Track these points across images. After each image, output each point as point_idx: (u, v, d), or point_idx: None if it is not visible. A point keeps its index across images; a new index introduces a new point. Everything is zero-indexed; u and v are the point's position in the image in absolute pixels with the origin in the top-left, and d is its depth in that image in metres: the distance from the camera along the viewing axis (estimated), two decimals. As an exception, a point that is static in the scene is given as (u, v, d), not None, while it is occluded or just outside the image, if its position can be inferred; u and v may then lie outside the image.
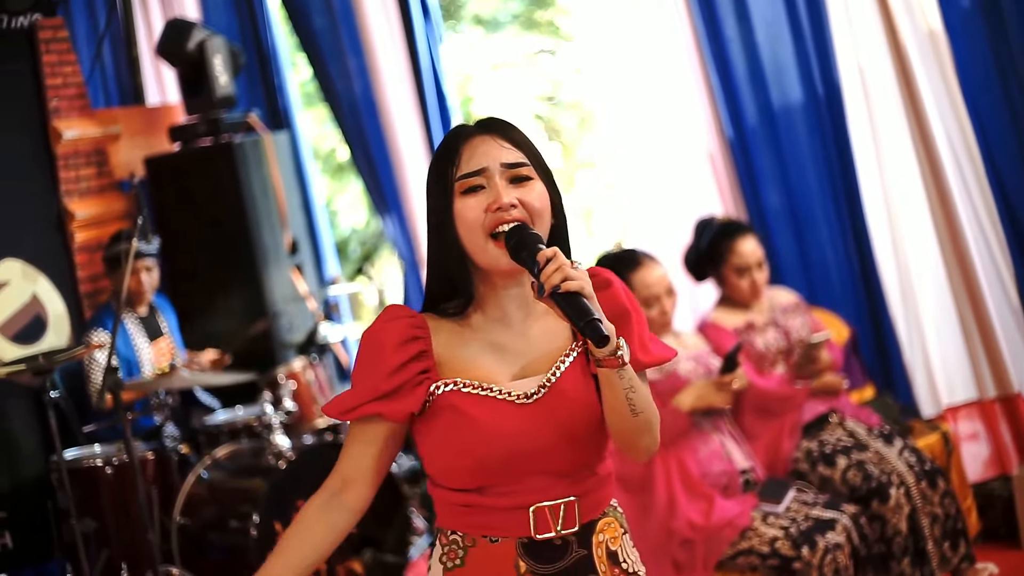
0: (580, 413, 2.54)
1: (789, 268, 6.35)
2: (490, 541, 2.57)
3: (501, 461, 2.51)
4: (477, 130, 2.61)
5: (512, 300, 2.60)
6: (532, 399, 2.54)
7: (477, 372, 2.56)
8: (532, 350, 2.59)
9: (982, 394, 6.11)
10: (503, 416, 2.52)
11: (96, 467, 5.60)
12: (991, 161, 5.79)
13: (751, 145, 6.36)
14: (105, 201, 6.77)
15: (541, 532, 2.55)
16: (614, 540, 2.64)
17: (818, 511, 4.86)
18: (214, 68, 6.73)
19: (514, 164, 2.55)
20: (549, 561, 2.56)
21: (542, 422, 2.52)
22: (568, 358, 2.59)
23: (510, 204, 2.51)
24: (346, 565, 5.65)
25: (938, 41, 5.88)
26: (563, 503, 2.55)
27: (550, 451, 2.52)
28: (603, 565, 2.60)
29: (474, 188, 2.54)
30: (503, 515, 2.55)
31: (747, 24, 6.26)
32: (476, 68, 10.22)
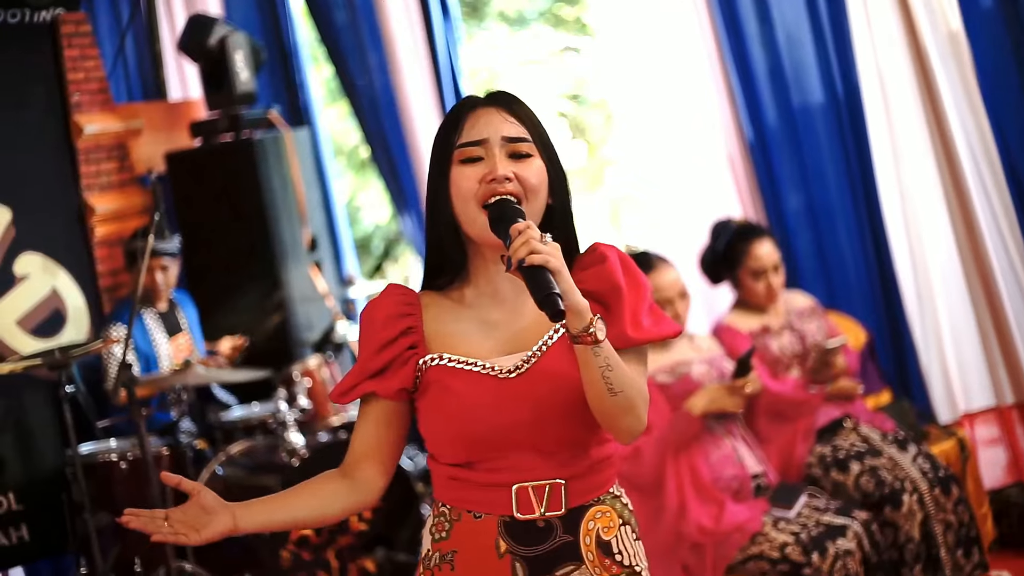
0: (563, 390, 2.52)
1: (808, 271, 6.33)
2: (474, 517, 2.58)
3: (484, 435, 2.52)
4: (484, 102, 2.61)
5: (503, 275, 2.59)
6: (515, 374, 2.54)
7: (464, 347, 2.57)
8: (522, 326, 2.59)
9: (1000, 400, 6.08)
10: (485, 390, 2.53)
11: (111, 462, 5.63)
12: (1010, 164, 5.76)
13: (771, 146, 6.34)
14: (126, 196, 6.79)
15: (523, 512, 2.54)
16: (608, 529, 2.60)
17: (829, 517, 4.84)
18: (235, 64, 6.73)
19: (515, 139, 2.55)
20: (531, 543, 2.55)
21: (523, 397, 2.52)
22: (557, 335, 2.58)
23: (504, 176, 2.51)
24: (358, 563, 5.66)
25: (958, 43, 5.85)
26: (548, 484, 2.54)
27: (532, 427, 2.52)
28: (591, 554, 2.57)
29: (472, 159, 2.55)
30: (486, 491, 2.56)
31: (768, 25, 6.24)
32: (502, 65, 10.20)
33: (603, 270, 2.59)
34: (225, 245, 6.75)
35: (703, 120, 6.48)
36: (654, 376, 4.97)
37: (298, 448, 5.69)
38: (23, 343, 6.09)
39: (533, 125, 2.60)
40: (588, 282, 2.57)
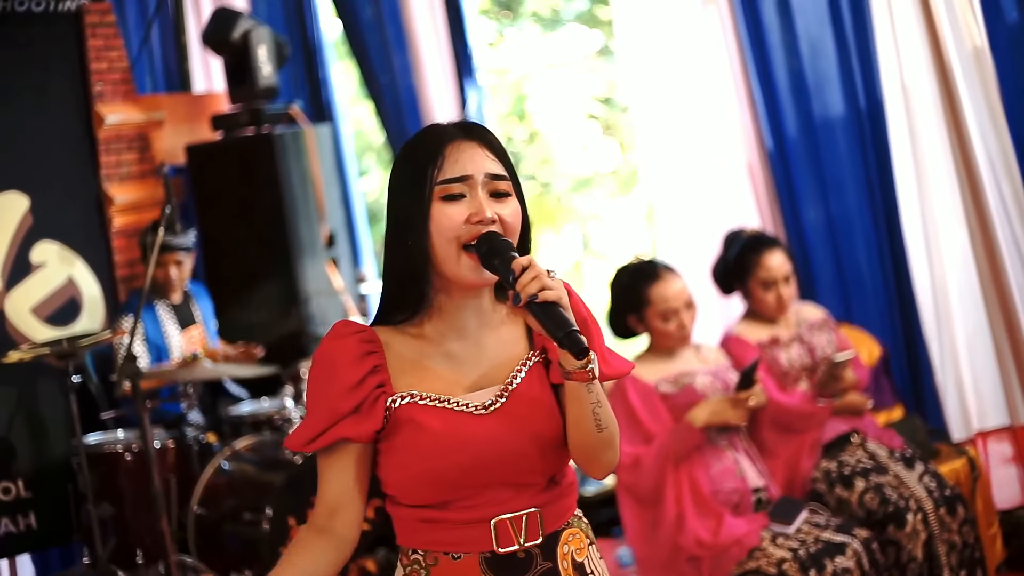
0: (539, 422, 2.50)
1: (824, 284, 6.28)
2: (452, 558, 2.51)
3: (461, 473, 2.46)
4: (460, 133, 2.51)
5: (470, 311, 2.54)
6: (490, 409, 2.50)
7: (432, 384, 2.51)
8: (487, 360, 2.54)
9: (1014, 420, 5.99)
10: (462, 427, 2.47)
11: (116, 453, 5.64)
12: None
13: (791, 157, 6.29)
14: (145, 187, 6.80)
15: (504, 546, 2.50)
16: (580, 551, 2.58)
17: (829, 534, 4.79)
18: (258, 58, 6.74)
19: (498, 176, 2.49)
20: (513, 575, 2.52)
21: (501, 432, 2.48)
22: (524, 368, 2.54)
23: (491, 219, 2.45)
24: (359, 563, 5.64)
25: (983, 59, 5.77)
26: (525, 515, 2.51)
27: (511, 461, 2.48)
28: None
29: (455, 196, 2.46)
30: (464, 530, 2.50)
31: (791, 35, 6.19)
32: (533, 66, 10.18)
33: (571, 304, 2.52)
34: (243, 239, 6.75)
35: (723, 129, 6.44)
36: (657, 386, 4.94)
37: (302, 445, 5.67)
38: (38, 331, 6.11)
39: (507, 161, 2.53)
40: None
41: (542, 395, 2.52)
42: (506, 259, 2.40)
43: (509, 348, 2.56)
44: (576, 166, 10.47)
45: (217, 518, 5.71)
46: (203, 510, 5.70)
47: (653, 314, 4.98)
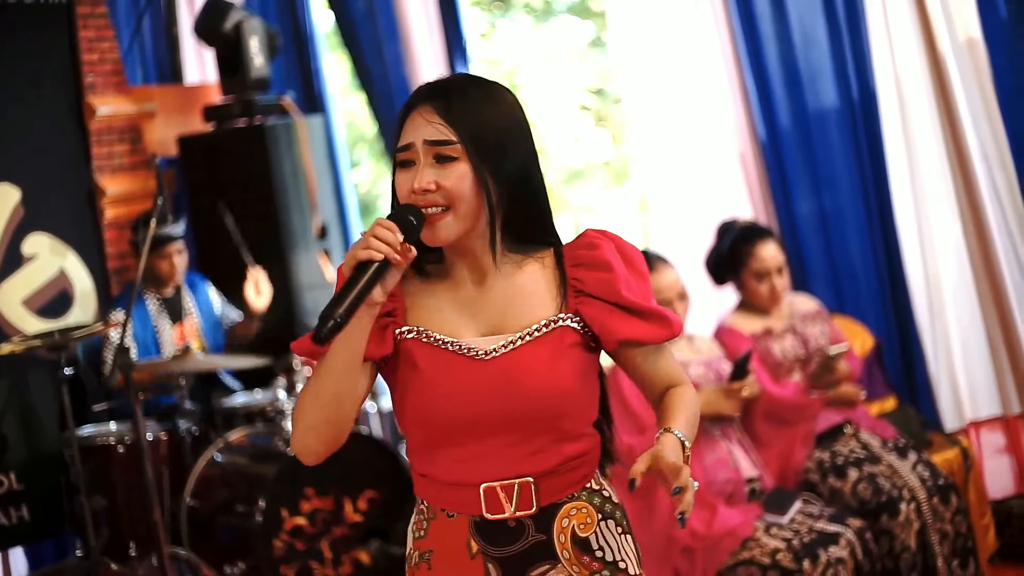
0: (535, 383, 2.46)
1: (818, 275, 6.28)
2: (447, 516, 2.53)
3: (446, 418, 2.46)
4: (421, 98, 2.51)
5: (463, 265, 2.54)
6: (490, 356, 2.48)
7: (440, 323, 2.52)
8: (495, 311, 2.53)
9: (1007, 410, 6.01)
10: (458, 370, 2.47)
11: (109, 445, 5.63)
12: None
13: (784, 148, 6.29)
14: (137, 178, 6.78)
15: (493, 512, 2.49)
16: (584, 526, 2.54)
17: (823, 524, 4.80)
18: (250, 49, 6.72)
19: (435, 142, 2.46)
20: (502, 543, 2.51)
21: (494, 381, 2.46)
22: (548, 327, 2.51)
23: (423, 189, 2.45)
24: (352, 554, 5.64)
25: (976, 50, 5.78)
26: (517, 483, 2.49)
27: (499, 416, 2.46)
28: (566, 552, 2.52)
29: (405, 163, 2.50)
30: (455, 491, 2.51)
31: (784, 25, 6.18)
32: (525, 58, 10.17)
33: (609, 280, 2.54)
34: (236, 230, 6.73)
35: (716, 120, 6.43)
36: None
37: (295, 437, 5.67)
38: (29, 323, 6.09)
39: (464, 122, 2.47)
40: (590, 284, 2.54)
41: (556, 358, 2.49)
42: (409, 229, 2.41)
43: (531, 301, 2.53)
44: (568, 157, 10.46)
45: (210, 510, 5.70)
46: (196, 502, 5.70)
47: (647, 305, 4.97)
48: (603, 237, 2.59)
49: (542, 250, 2.59)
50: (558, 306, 2.54)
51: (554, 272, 2.57)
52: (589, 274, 2.54)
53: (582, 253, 2.57)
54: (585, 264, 2.56)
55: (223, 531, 5.69)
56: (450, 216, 2.47)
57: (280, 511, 5.50)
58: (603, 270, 2.54)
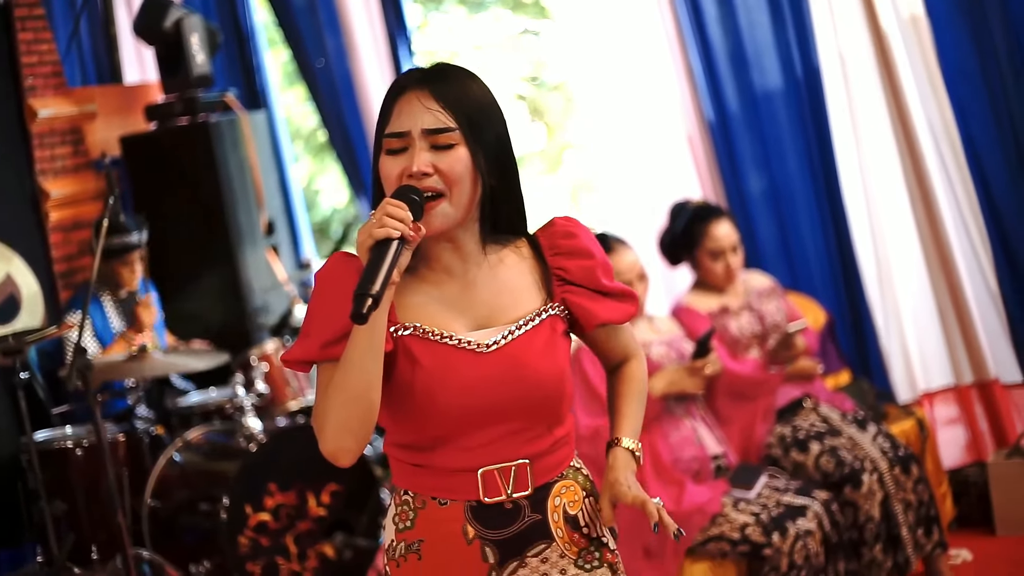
0: (539, 371, 2.50)
1: (769, 252, 6.33)
2: (439, 504, 2.53)
3: (453, 409, 2.46)
4: (414, 83, 2.51)
5: (450, 254, 2.55)
6: (491, 349, 2.50)
7: (434, 319, 2.52)
8: (483, 302, 2.55)
9: (959, 380, 6.10)
10: (459, 364, 2.48)
11: (66, 449, 5.56)
12: (972, 147, 5.76)
13: (731, 128, 6.33)
14: (80, 180, 6.71)
15: (490, 496, 2.51)
16: (573, 504, 2.58)
17: (789, 497, 4.84)
18: (191, 47, 6.67)
19: (435, 130, 2.47)
20: (499, 526, 2.52)
21: (498, 373, 2.48)
22: (539, 317, 2.55)
23: (421, 172, 2.45)
24: (317, 549, 5.62)
25: (920, 27, 5.85)
26: (514, 466, 2.51)
27: (504, 404, 2.48)
28: (560, 530, 2.55)
29: (395, 150, 2.48)
30: (451, 477, 2.51)
31: (728, 6, 6.23)
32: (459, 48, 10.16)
33: (592, 267, 2.61)
34: (182, 229, 6.68)
35: (663, 101, 6.47)
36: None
37: (256, 433, 5.65)
38: (-23, 329, 6.02)
39: (461, 108, 2.49)
40: (575, 274, 2.60)
41: (549, 346, 2.53)
42: (414, 208, 2.41)
43: (517, 294, 2.56)
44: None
45: (171, 510, 5.66)
46: (157, 502, 5.65)
47: (606, 286, 4.99)
48: (574, 224, 2.64)
49: (517, 239, 2.62)
50: (544, 297, 2.59)
51: (533, 262, 2.61)
52: (572, 263, 2.60)
53: (562, 242, 2.61)
54: (566, 253, 2.60)
55: (186, 531, 5.65)
56: (446, 202, 2.48)
57: (244, 508, 5.47)
58: (585, 258, 2.61)
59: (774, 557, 4.62)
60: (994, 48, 5.62)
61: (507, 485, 2.51)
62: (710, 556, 4.74)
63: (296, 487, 5.59)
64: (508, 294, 2.56)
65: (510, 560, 2.54)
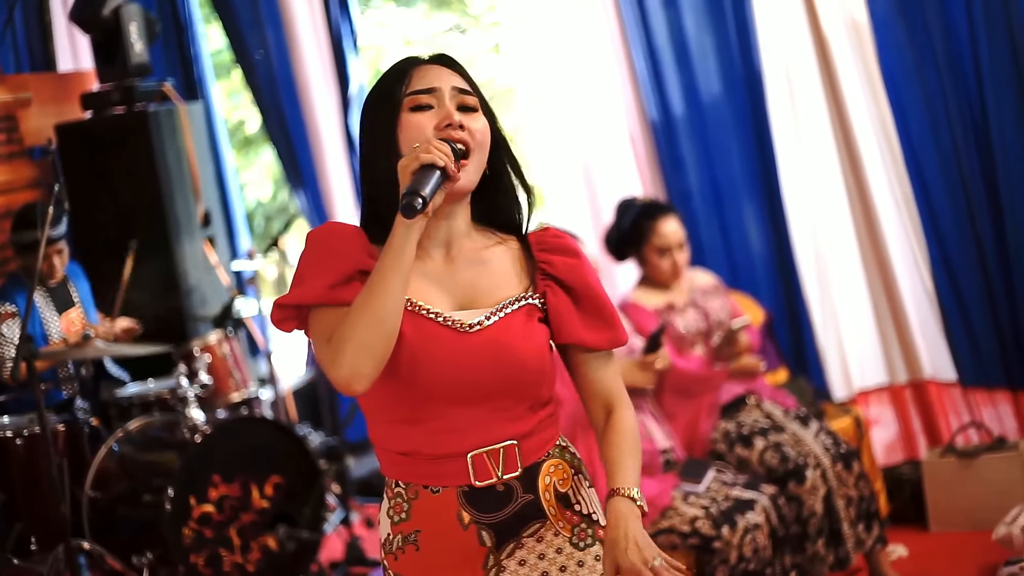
0: (519, 352, 2.52)
1: (710, 251, 6.40)
2: (432, 492, 2.54)
3: (437, 385, 2.48)
4: (427, 59, 2.60)
5: (443, 230, 2.57)
6: (473, 330, 2.52)
7: (420, 294, 2.54)
8: (468, 284, 2.57)
9: (893, 379, 6.20)
10: (443, 341, 2.49)
11: (6, 438, 5.48)
12: (911, 150, 5.85)
13: (673, 128, 6.40)
14: (14, 168, 6.62)
15: (481, 479, 2.52)
16: (563, 482, 2.60)
17: (738, 491, 4.90)
18: (129, 35, 6.60)
19: (465, 90, 2.55)
20: (493, 509, 2.54)
21: (482, 352, 2.50)
22: (518, 303, 2.58)
23: (460, 123, 2.50)
24: (260, 541, 5.60)
25: (862, 32, 5.95)
26: (502, 447, 2.53)
27: (487, 383, 2.50)
28: (552, 509, 2.58)
29: (423, 106, 2.52)
30: (441, 463, 2.52)
31: (672, 7, 6.29)
32: (388, 44, 10.15)
33: (578, 265, 2.62)
34: (118, 219, 6.62)
35: (605, 100, 6.51)
36: (565, 351, 4.98)
37: (199, 424, 5.61)
38: (-92, 318, 5.92)
39: (473, 84, 2.60)
40: (559, 268, 2.61)
41: (530, 330, 2.55)
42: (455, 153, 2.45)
43: (498, 278, 2.59)
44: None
45: (111, 501, 5.60)
46: (97, 493, 5.59)
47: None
48: (565, 233, 2.71)
49: (504, 235, 2.65)
50: (526, 286, 2.62)
51: (520, 255, 2.65)
52: (558, 258, 2.62)
53: (550, 240, 2.65)
54: (552, 249, 2.64)
55: (126, 522, 5.59)
56: (470, 163, 2.51)
57: (188, 499, 5.43)
58: (571, 256, 2.63)
59: (724, 550, 4.68)
60: (933, 52, 5.72)
61: (497, 467, 2.53)
62: (660, 549, 4.78)
63: (240, 479, 5.56)
64: (490, 277, 2.59)
65: (507, 542, 2.56)
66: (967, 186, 5.77)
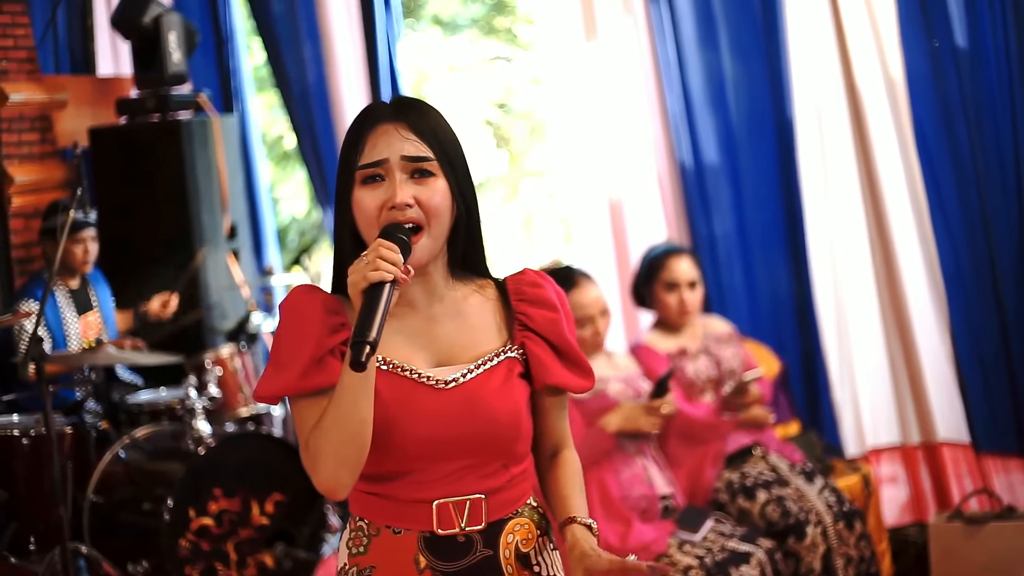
0: (495, 409, 2.50)
1: (730, 297, 6.36)
2: (393, 532, 2.53)
3: (413, 443, 2.46)
4: (387, 115, 2.52)
5: (417, 288, 2.54)
6: (450, 385, 2.50)
7: (395, 353, 2.52)
8: (446, 339, 2.55)
9: (905, 439, 6.15)
10: (419, 398, 2.48)
11: (12, 437, 5.50)
12: (940, 211, 5.82)
13: (702, 171, 6.37)
14: (45, 168, 6.68)
15: (444, 527, 2.50)
16: (526, 542, 2.58)
17: (734, 543, 4.86)
18: (168, 44, 6.64)
19: (415, 158, 2.48)
20: (450, 558, 2.52)
21: (458, 409, 2.48)
22: (497, 358, 2.56)
23: (404, 204, 2.45)
24: (257, 557, 5.60)
25: (896, 88, 5.92)
26: (469, 500, 2.51)
27: (463, 440, 2.48)
28: (510, 567, 2.55)
29: (373, 178, 2.48)
30: (407, 507, 2.51)
31: (709, 51, 6.27)
32: (432, 68, 10.18)
33: (556, 320, 2.61)
34: (143, 226, 6.66)
35: (635, 139, 6.49)
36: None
37: (205, 436, 5.62)
38: (-71, 312, 5.97)
39: (437, 139, 2.51)
40: (537, 322, 2.60)
41: (508, 386, 2.54)
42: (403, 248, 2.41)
43: (477, 332, 2.57)
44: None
45: (113, 507, 5.62)
46: (99, 498, 5.60)
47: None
48: (543, 277, 2.66)
49: (482, 280, 2.63)
50: (504, 339, 2.60)
51: (497, 304, 2.62)
52: (536, 311, 2.60)
53: (527, 289, 2.62)
54: (530, 300, 2.61)
55: (126, 529, 5.60)
56: (425, 236, 2.49)
57: (187, 510, 5.44)
58: (549, 309, 2.61)
59: (715, 601, 4.64)
60: (965, 112, 5.68)
61: (461, 518, 2.51)
62: (652, 596, 4.75)
63: (241, 494, 5.56)
64: (469, 332, 2.57)
65: None
66: (993, 250, 5.72)
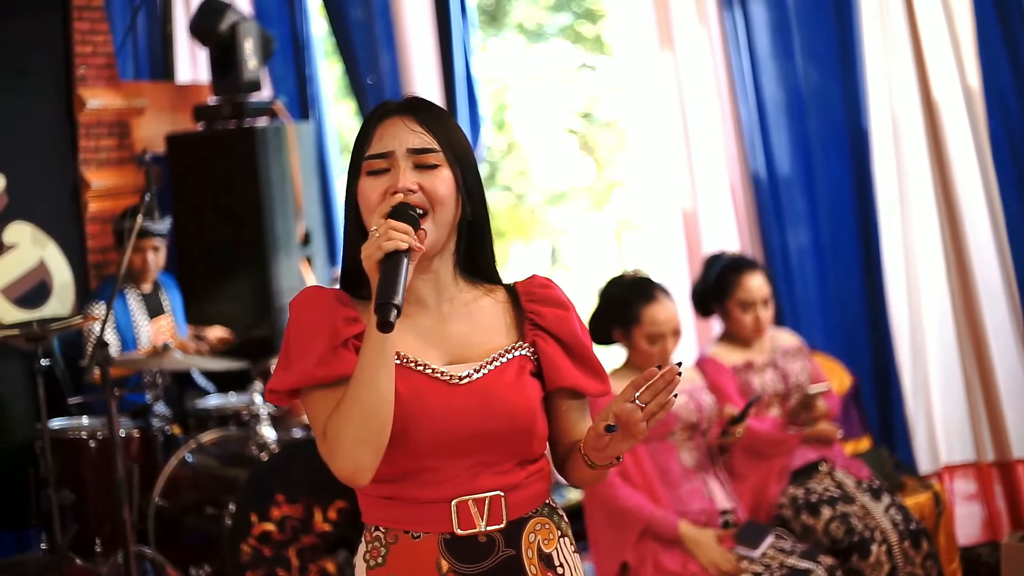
0: (509, 404, 2.50)
1: (802, 310, 6.29)
2: (412, 537, 2.51)
3: (428, 437, 2.46)
4: (395, 110, 2.55)
5: (427, 284, 2.56)
6: (463, 382, 2.50)
7: (409, 349, 2.52)
8: (456, 336, 2.56)
9: (980, 457, 6.03)
10: (434, 393, 2.48)
11: (80, 439, 5.58)
12: (1017, 227, 5.71)
13: (775, 182, 6.31)
14: (123, 173, 6.75)
15: (464, 528, 2.49)
16: (548, 542, 2.57)
17: (794, 560, 4.79)
18: (244, 51, 6.70)
19: (420, 150, 2.50)
20: (473, 560, 2.50)
21: (472, 405, 2.48)
22: (509, 354, 2.57)
23: (407, 189, 2.47)
24: (319, 564, 5.60)
25: (973, 98, 5.81)
26: (488, 497, 2.50)
27: (478, 436, 2.48)
28: (534, 567, 2.54)
29: (378, 171, 2.50)
30: (424, 509, 2.49)
31: (783, 60, 6.21)
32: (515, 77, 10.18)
33: (567, 318, 2.61)
34: (218, 232, 6.72)
35: (709, 150, 6.44)
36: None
37: (269, 442, 5.64)
38: (5, 312, 6.05)
39: (444, 134, 2.54)
40: (548, 320, 2.60)
41: (521, 383, 2.54)
42: (413, 221, 2.43)
43: (488, 331, 2.58)
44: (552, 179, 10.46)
45: (178, 510, 5.66)
46: (165, 501, 5.65)
47: (640, 334, 4.92)
48: (552, 281, 2.68)
49: (492, 285, 2.64)
50: (515, 337, 2.60)
51: (508, 306, 2.63)
52: (547, 310, 2.61)
53: (537, 290, 2.64)
54: (541, 300, 2.62)
55: (190, 532, 5.64)
56: (429, 221, 2.49)
57: (250, 516, 5.45)
58: (560, 307, 2.62)
59: (773, 619, 4.58)
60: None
61: (481, 517, 2.50)
62: (709, 612, 4.70)
63: (304, 500, 5.57)
64: (480, 331, 2.58)
65: None
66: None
